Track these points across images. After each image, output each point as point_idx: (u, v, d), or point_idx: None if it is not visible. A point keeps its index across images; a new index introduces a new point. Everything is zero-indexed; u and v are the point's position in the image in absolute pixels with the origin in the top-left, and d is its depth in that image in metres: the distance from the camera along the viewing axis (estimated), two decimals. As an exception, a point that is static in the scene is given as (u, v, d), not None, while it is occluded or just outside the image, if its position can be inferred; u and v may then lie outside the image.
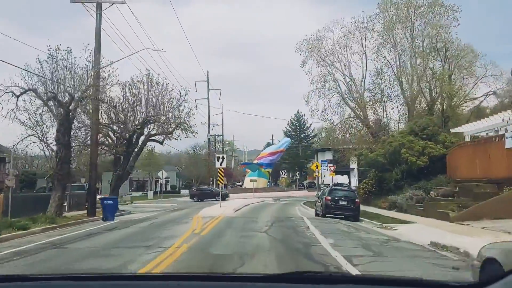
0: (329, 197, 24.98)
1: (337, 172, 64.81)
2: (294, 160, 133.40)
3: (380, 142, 37.39)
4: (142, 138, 37.18)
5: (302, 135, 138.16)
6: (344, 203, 24.82)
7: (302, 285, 2.52)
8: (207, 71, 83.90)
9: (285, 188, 72.84)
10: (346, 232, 17.52)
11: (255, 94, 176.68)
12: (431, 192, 26.21)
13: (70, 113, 25.86)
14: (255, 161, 70.44)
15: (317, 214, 27.45)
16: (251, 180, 58.65)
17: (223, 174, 31.98)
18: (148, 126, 36.80)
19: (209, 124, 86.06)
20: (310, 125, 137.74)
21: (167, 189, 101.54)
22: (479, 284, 2.73)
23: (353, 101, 44.65)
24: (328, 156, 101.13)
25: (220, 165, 31.35)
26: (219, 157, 31.35)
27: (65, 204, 35.29)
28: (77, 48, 72.96)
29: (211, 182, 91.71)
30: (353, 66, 44.82)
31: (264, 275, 2.67)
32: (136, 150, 37.52)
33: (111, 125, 35.86)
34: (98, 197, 35.39)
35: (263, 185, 69.82)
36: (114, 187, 36.78)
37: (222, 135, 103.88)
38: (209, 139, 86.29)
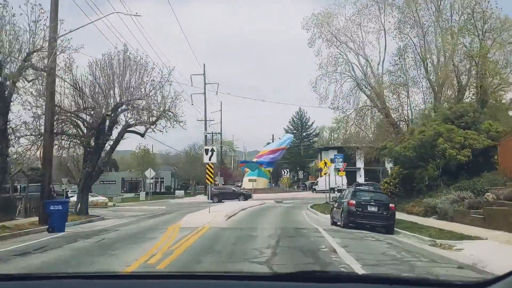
0: (354, 201, 18.41)
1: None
2: (295, 159, 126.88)
3: (407, 133, 30.80)
4: (119, 129, 30.70)
5: (304, 134, 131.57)
6: (374, 209, 18.29)
7: (310, 283, 2.53)
8: (204, 64, 77.08)
9: (286, 188, 66.29)
10: (397, 258, 10.95)
11: (255, 95, 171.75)
12: (487, 194, 19.61)
13: (6, 89, 19.30)
14: (255, 160, 63.92)
15: (334, 223, 20.92)
16: (249, 180, 52.01)
17: (212, 171, 25.42)
18: (125, 113, 30.30)
19: (205, 120, 79.71)
20: (313, 123, 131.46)
21: (162, 190, 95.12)
22: (483, 283, 2.43)
23: (368, 87, 38.03)
24: (332, 154, 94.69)
25: (209, 159, 24.81)
26: (207, 149, 24.77)
27: (21, 208, 28.91)
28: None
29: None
30: (367, 48, 38.29)
31: (272, 274, 3.07)
32: (111, 143, 31.03)
33: (78, 112, 29.32)
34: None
35: (263, 186, 63.28)
36: (83, 187, 30.19)
37: (221, 133, 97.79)
38: (205, 136, 79.90)
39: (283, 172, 69.10)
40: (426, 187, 26.53)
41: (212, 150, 24.87)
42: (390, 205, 18.43)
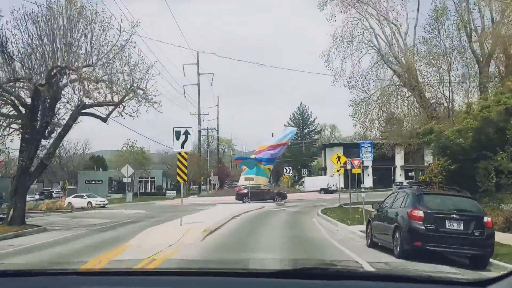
0: (421, 213, 10.28)
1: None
2: (296, 157, 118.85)
3: (459, 113, 22.74)
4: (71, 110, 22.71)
5: (305, 130, 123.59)
6: (458, 226, 10.20)
7: (312, 281, 2.54)
8: (197, 52, 69.24)
9: (288, 189, 58.18)
10: None
11: (256, 95, 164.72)
12: None
13: None
14: (253, 156, 55.87)
15: (374, 244, 12.83)
16: (246, 179, 43.79)
17: (185, 164, 17.27)
18: (75, 88, 22.27)
19: (199, 114, 71.77)
20: (315, 119, 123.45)
21: (152, 190, 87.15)
22: (485, 281, 2.46)
23: (395, 60, 29.99)
24: (338, 151, 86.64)
25: (182, 146, 16.75)
26: (178, 132, 16.64)
27: None
28: None
29: (202, 183, 77.41)
30: (391, 15, 30.30)
31: (275, 271, 2.65)
32: (57, 128, 23.03)
33: (7, 85, 21.26)
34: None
35: (265, 184, 55.36)
36: (16, 187, 22.11)
37: (217, 129, 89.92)
38: (199, 131, 71.87)
39: (284, 170, 60.87)
40: (495, 187, 18.47)
41: (187, 134, 16.77)
42: (485, 219, 10.32)
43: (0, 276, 2.78)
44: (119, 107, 23.60)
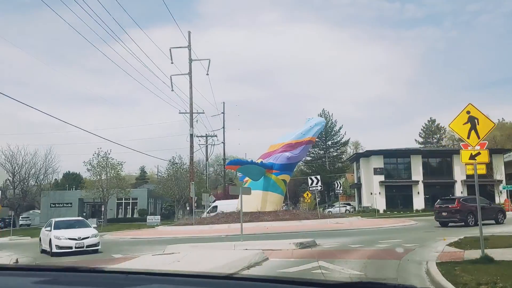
0: None
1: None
2: (319, 174, 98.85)
3: None
4: None
5: (329, 142, 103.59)
6: None
7: None
8: (189, 32, 50.43)
9: (313, 212, 37.22)
10: None
11: (270, 120, 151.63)
12: None
13: None
14: (259, 161, 36.17)
15: None
16: (231, 192, 23.85)
17: None
18: None
19: (191, 112, 52.32)
20: (340, 128, 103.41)
21: (133, 215, 67.67)
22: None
23: None
24: (377, 163, 66.47)
25: None
26: None
27: None
28: None
29: (195, 204, 57.75)
30: None
31: (336, 283, 2.41)
32: None
33: None
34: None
35: (274, 206, 35.18)
36: None
37: (224, 141, 70.43)
38: (191, 135, 52.27)
39: (310, 181, 39.41)
40: None
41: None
42: None
43: None
44: None
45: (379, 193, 61.16)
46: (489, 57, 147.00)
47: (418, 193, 61.60)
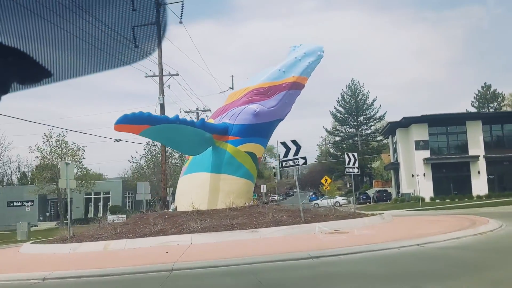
0: None
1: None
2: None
3: None
4: None
5: (361, 118, 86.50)
6: None
7: None
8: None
9: (288, 212, 19.46)
10: None
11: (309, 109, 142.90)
12: None
13: None
14: (211, 120, 20.78)
15: None
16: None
17: None
18: None
19: (161, 75, 37.13)
20: (374, 100, 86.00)
21: (106, 213, 53.54)
22: None
23: None
24: (420, 134, 49.23)
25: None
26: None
27: None
28: None
29: (170, 197, 42.97)
30: None
31: None
32: None
33: None
34: None
35: (234, 199, 19.30)
36: None
37: None
38: (161, 105, 36.85)
39: (347, 160, 22.97)
40: None
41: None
42: None
43: None
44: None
45: (424, 174, 44.45)
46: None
47: (479, 172, 44.53)
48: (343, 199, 54.29)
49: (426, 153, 45.24)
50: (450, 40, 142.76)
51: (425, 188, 43.66)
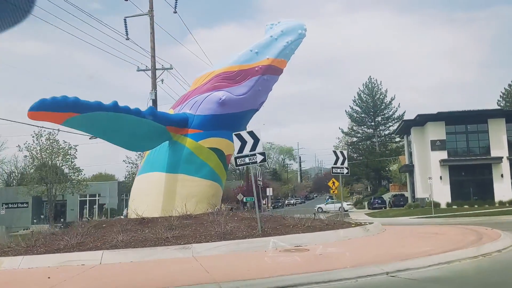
0: None
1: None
2: (367, 159, 78.15)
3: None
4: None
5: (378, 118, 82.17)
6: None
7: None
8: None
9: (245, 224, 15.34)
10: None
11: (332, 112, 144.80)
12: None
13: None
14: (170, 111, 17.69)
15: None
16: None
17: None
18: None
19: (154, 68, 34.24)
20: (393, 99, 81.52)
21: (102, 216, 50.91)
22: None
23: None
24: (436, 133, 44.85)
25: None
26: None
27: None
28: None
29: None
30: None
31: None
32: None
33: None
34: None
35: (193, 204, 15.98)
36: None
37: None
38: (153, 101, 33.87)
39: (335, 158, 18.51)
40: None
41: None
42: None
43: None
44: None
45: (440, 177, 40.42)
46: None
47: (502, 175, 40.28)
48: (348, 204, 50.43)
49: (443, 154, 41.15)
50: (479, 41, 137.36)
51: (442, 193, 39.66)
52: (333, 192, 44.95)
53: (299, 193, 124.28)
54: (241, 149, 13.29)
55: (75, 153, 45.16)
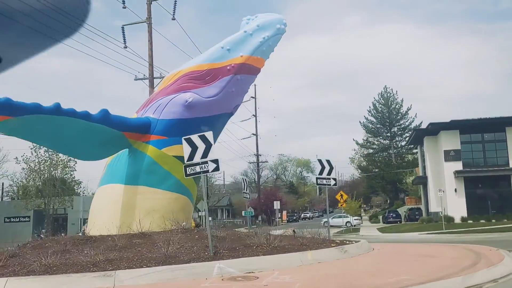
0: None
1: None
2: (383, 171, 75.30)
3: None
4: None
5: (394, 129, 79.34)
6: None
7: None
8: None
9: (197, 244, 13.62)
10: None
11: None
12: None
13: None
14: (135, 115, 15.98)
15: None
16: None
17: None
18: None
19: (151, 76, 32.81)
20: (409, 109, 78.63)
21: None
22: None
23: None
24: (450, 142, 42.08)
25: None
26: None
27: None
28: None
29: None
30: None
31: None
32: None
33: None
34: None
35: (155, 221, 14.12)
36: None
37: (255, 117, 48.62)
38: None
39: (320, 168, 16.43)
40: None
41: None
42: None
43: None
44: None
45: (455, 190, 37.74)
46: None
47: (523, 188, 37.40)
48: (355, 219, 47.77)
49: (458, 165, 38.48)
50: (502, 51, 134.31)
51: (457, 207, 36.97)
52: (341, 205, 42.78)
53: (317, 207, 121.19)
54: (191, 156, 11.32)
55: (74, 165, 43.89)
